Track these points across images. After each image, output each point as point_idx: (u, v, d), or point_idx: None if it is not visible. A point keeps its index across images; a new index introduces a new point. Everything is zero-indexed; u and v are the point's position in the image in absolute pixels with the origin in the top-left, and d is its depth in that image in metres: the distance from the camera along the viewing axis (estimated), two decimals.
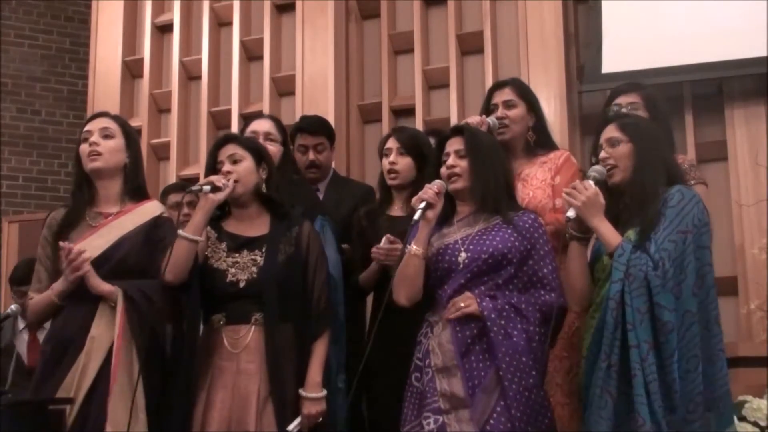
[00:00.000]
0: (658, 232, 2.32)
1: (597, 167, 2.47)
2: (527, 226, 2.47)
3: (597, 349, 2.35)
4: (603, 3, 4.06)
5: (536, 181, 2.90)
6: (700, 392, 2.28)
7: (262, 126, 3.10)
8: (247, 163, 2.62)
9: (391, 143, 2.98)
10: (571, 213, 2.41)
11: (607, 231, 2.37)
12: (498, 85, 3.09)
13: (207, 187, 2.53)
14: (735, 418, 2.70)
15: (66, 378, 2.44)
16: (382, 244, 2.76)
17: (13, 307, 2.93)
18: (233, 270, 2.57)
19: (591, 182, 2.42)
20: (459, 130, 2.59)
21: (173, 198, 3.43)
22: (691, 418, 2.26)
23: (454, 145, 2.54)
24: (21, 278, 3.70)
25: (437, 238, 2.51)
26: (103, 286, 2.50)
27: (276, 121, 3.22)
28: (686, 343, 2.28)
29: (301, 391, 2.51)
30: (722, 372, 2.35)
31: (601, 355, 2.29)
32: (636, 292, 2.26)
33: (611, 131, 2.50)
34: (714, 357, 2.35)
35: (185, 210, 3.22)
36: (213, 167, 2.64)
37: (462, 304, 2.39)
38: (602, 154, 2.49)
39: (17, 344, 3.93)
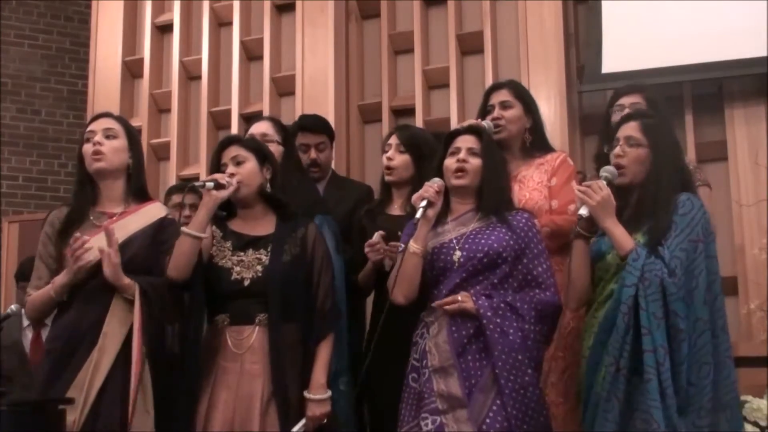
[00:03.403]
0: (669, 239, 2.32)
1: (609, 168, 2.47)
2: (521, 225, 2.49)
3: (601, 349, 2.36)
4: (603, 3, 4.05)
5: (533, 183, 2.91)
6: (710, 399, 2.29)
7: (257, 128, 3.10)
8: (251, 164, 2.63)
9: (392, 140, 3.01)
10: (583, 211, 2.40)
11: (621, 234, 2.37)
12: (495, 87, 3.10)
13: (210, 184, 2.54)
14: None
15: (78, 375, 2.44)
16: (373, 239, 2.77)
17: (13, 306, 2.93)
18: (238, 268, 2.57)
19: (604, 182, 2.42)
20: (476, 131, 2.61)
21: (176, 198, 3.42)
22: (700, 424, 2.27)
23: (468, 142, 2.56)
24: (27, 274, 3.72)
25: (431, 237, 2.52)
26: (124, 279, 2.49)
27: (274, 121, 3.22)
28: (698, 351, 2.30)
29: (306, 393, 2.51)
30: (729, 379, 2.36)
31: (609, 358, 2.29)
32: (652, 297, 2.26)
33: (632, 130, 2.49)
34: (721, 364, 2.35)
35: (186, 212, 3.23)
36: (217, 169, 2.64)
37: (459, 298, 2.41)
38: (617, 150, 2.48)
39: (23, 341, 3.93)
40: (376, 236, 2.78)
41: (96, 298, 2.51)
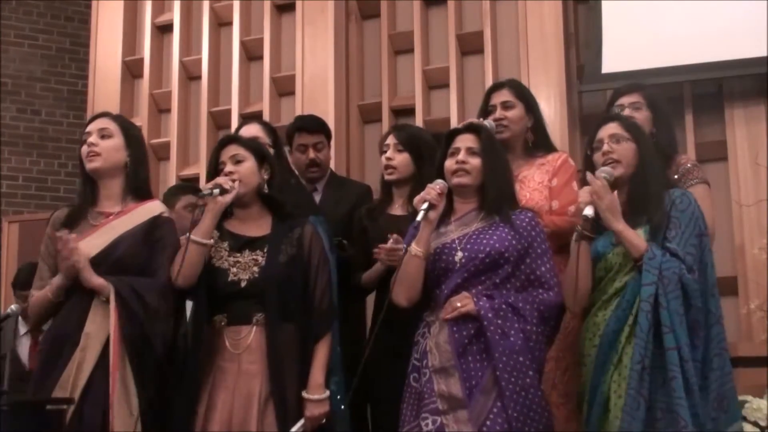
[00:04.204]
0: (677, 236, 2.35)
1: (606, 168, 2.48)
2: (524, 224, 2.48)
3: (609, 348, 2.37)
4: (603, 3, 4.05)
5: (534, 183, 2.91)
6: (718, 391, 2.32)
7: (248, 131, 3.09)
8: (249, 163, 2.63)
9: (390, 139, 3.01)
10: (588, 211, 2.39)
11: (632, 236, 2.38)
12: (495, 87, 3.10)
13: (216, 191, 2.53)
14: None
15: (63, 375, 2.43)
16: (389, 243, 2.71)
17: (13, 307, 2.92)
18: (234, 269, 2.57)
19: (605, 180, 2.42)
20: (474, 129, 2.59)
21: (185, 200, 3.33)
22: (712, 416, 2.30)
23: (467, 142, 2.54)
24: (23, 283, 3.70)
25: (434, 237, 2.51)
26: (95, 280, 2.48)
27: (264, 124, 3.22)
28: (710, 343, 2.33)
29: (304, 393, 2.50)
30: (727, 369, 2.38)
31: (636, 357, 2.29)
32: (672, 295, 2.28)
33: (614, 128, 2.52)
34: (721, 355, 2.38)
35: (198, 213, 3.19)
36: (215, 168, 2.64)
37: (459, 304, 2.40)
38: (605, 148, 2.50)
39: (18, 348, 3.92)
40: (393, 241, 2.69)
41: (80, 298, 2.51)
